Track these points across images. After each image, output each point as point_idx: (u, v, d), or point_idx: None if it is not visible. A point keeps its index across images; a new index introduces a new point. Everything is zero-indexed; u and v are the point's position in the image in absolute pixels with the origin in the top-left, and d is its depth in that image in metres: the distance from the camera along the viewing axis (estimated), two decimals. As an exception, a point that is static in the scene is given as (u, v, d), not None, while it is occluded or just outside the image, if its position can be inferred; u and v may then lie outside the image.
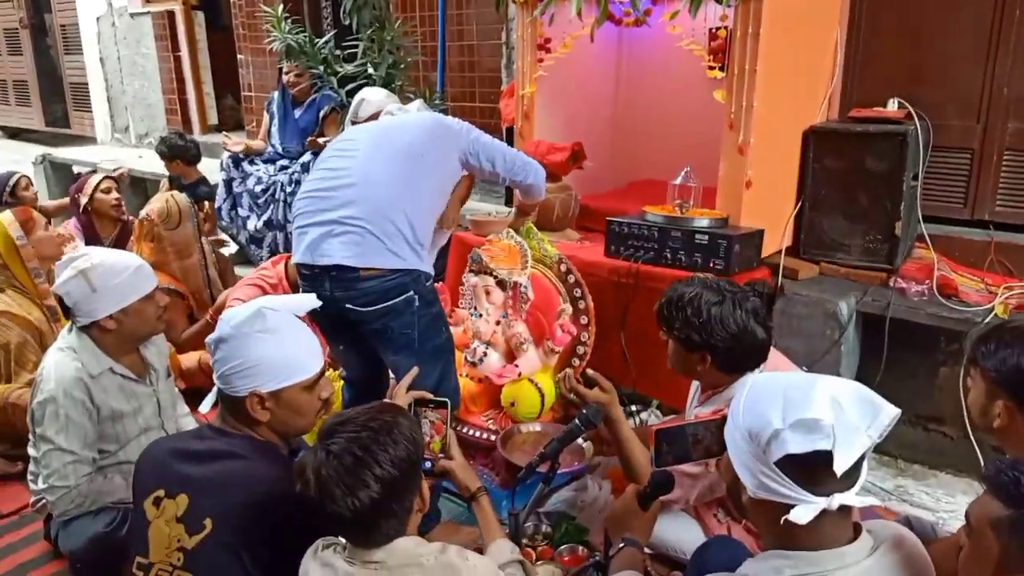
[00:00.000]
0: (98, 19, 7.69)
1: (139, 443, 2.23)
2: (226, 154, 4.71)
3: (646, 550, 1.78)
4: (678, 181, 2.77)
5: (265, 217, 4.46)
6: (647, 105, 3.60)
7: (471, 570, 1.45)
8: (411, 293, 2.18)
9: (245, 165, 4.63)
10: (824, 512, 1.16)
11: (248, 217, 4.55)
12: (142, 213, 3.51)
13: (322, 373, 1.75)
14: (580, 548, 2.20)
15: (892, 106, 2.98)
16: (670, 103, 3.45)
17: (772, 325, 1.94)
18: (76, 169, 6.67)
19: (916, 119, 2.87)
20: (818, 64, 3.08)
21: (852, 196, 2.91)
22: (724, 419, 1.49)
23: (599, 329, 2.72)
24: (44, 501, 2.17)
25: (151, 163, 5.88)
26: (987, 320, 2.57)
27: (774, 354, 2.02)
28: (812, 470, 1.16)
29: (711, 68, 2.69)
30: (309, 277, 2.22)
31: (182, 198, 3.59)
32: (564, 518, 2.34)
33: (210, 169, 5.07)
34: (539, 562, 2.16)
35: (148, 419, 2.30)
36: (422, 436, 1.52)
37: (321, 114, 4.48)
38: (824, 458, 1.14)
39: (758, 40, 2.56)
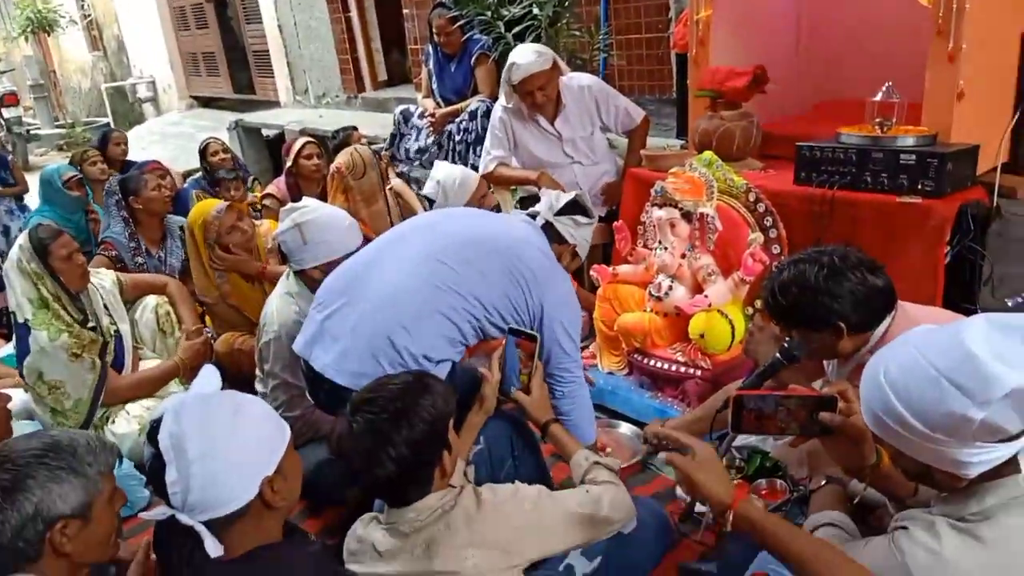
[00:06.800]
0: (273, -12, 8.09)
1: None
2: (399, 108, 4.81)
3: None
4: (878, 97, 2.55)
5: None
6: (836, 19, 3.32)
7: (503, 502, 1.58)
8: None
9: (415, 119, 4.61)
10: None
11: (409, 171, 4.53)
12: (332, 167, 3.74)
13: None
14: (779, 482, 2.16)
15: None
16: (862, 14, 3.18)
17: (883, 265, 1.78)
18: (265, 132, 7.18)
19: None
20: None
21: (1081, 101, 2.57)
22: (812, 399, 1.43)
23: (790, 261, 2.60)
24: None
25: (331, 121, 6.20)
26: None
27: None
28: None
29: (914, -33, 2.43)
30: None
31: (364, 150, 3.79)
32: (757, 452, 2.29)
33: (384, 123, 5.25)
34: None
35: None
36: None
37: (472, 62, 4.36)
38: None
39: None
